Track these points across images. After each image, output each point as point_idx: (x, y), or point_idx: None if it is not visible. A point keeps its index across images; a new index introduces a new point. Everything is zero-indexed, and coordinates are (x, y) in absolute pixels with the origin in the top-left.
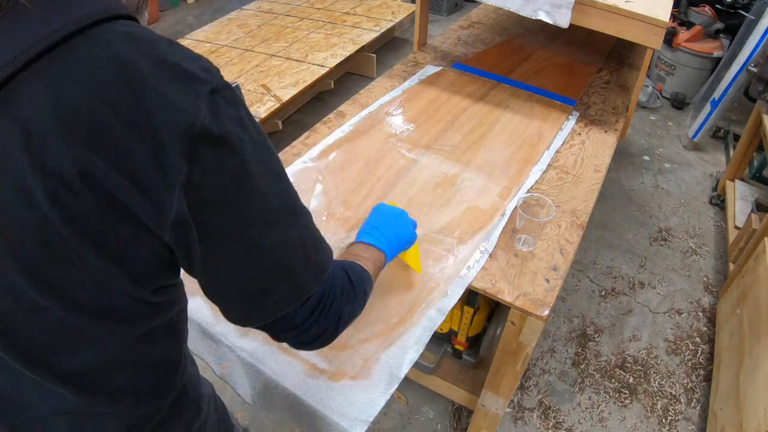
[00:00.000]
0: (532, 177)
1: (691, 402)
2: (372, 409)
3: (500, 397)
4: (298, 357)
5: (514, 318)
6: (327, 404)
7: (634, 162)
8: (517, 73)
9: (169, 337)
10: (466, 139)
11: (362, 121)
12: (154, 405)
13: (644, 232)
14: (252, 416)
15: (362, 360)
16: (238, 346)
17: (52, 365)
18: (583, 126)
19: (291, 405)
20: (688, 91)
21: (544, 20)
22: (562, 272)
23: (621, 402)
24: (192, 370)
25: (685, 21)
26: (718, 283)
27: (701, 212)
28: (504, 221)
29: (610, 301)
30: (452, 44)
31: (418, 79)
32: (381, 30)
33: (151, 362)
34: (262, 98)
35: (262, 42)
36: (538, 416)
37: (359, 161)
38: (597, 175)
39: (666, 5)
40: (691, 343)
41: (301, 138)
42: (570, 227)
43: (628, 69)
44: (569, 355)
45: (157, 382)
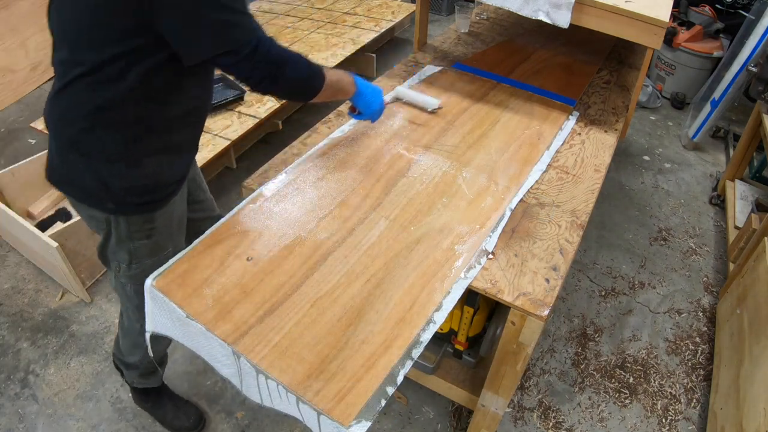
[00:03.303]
0: (532, 177)
1: (691, 402)
2: (372, 410)
3: (500, 397)
4: (300, 358)
5: (514, 318)
6: (327, 404)
7: (634, 162)
8: (517, 73)
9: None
10: (466, 139)
11: (362, 120)
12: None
13: (644, 232)
14: (252, 416)
15: (362, 360)
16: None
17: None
18: (583, 126)
19: (292, 405)
20: (688, 91)
21: (544, 20)
22: (562, 272)
23: (621, 402)
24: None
25: (685, 21)
26: (718, 283)
27: (701, 212)
28: (504, 221)
29: (610, 301)
30: (452, 44)
31: (418, 79)
32: (381, 30)
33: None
34: (262, 98)
35: None
36: (538, 416)
37: (359, 161)
38: (597, 175)
39: (666, 5)
40: (691, 343)
41: (301, 138)
42: (570, 227)
43: (628, 69)
44: (569, 355)
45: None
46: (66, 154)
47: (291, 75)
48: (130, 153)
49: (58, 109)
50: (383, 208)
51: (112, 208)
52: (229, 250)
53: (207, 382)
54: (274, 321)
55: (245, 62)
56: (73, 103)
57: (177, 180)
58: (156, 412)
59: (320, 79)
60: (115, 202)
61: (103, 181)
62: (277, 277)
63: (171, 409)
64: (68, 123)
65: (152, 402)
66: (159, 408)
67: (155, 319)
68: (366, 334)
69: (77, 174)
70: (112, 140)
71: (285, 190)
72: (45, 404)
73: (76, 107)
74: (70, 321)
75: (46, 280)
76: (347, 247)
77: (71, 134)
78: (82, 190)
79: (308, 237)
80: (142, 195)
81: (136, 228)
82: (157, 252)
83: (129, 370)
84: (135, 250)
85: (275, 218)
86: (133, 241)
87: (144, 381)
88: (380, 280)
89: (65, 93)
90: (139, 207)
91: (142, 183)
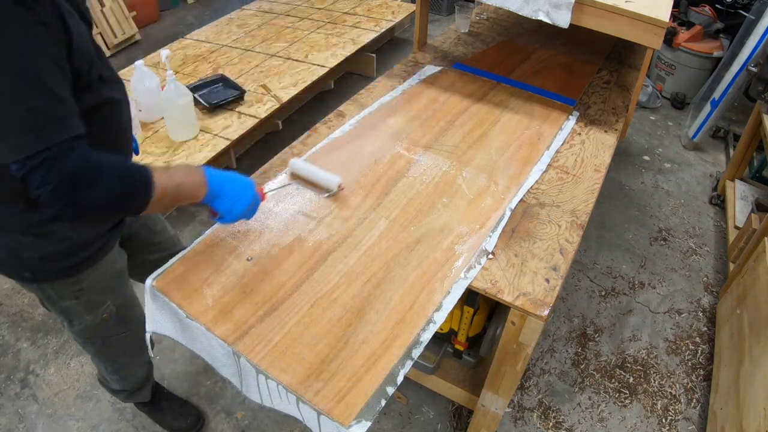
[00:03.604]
0: (532, 177)
1: (691, 402)
2: (372, 410)
3: (500, 397)
4: (300, 358)
5: (514, 318)
6: (327, 404)
7: (634, 162)
8: (517, 73)
9: None
10: (466, 139)
11: (362, 121)
12: None
13: (644, 232)
14: (252, 416)
15: (362, 360)
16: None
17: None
18: (583, 126)
19: (292, 405)
20: (688, 91)
21: (544, 20)
22: (562, 272)
23: (621, 402)
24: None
25: (685, 21)
26: (718, 283)
27: (701, 212)
28: (504, 221)
29: (610, 301)
30: (452, 44)
31: (418, 79)
32: (381, 30)
33: None
34: (262, 98)
35: (262, 42)
36: (538, 416)
37: (359, 161)
38: (597, 175)
39: (666, 5)
40: (691, 343)
41: (301, 138)
42: (570, 227)
43: (628, 69)
44: (569, 355)
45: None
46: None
47: (96, 194)
48: (33, 223)
49: None
50: (383, 208)
51: (29, 277)
52: (229, 250)
53: (207, 382)
54: (274, 321)
55: (33, 176)
56: None
57: (104, 234)
58: (154, 415)
59: (145, 192)
60: (31, 272)
61: (13, 253)
62: (277, 277)
63: (168, 412)
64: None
65: (149, 407)
66: (156, 411)
67: (155, 319)
68: (366, 334)
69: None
70: (6, 215)
71: (285, 190)
72: (45, 404)
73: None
74: None
75: None
76: (347, 247)
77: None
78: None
79: (308, 237)
80: (61, 260)
81: (62, 292)
82: (93, 309)
83: (115, 393)
84: (68, 309)
85: (275, 218)
86: (64, 301)
87: (132, 399)
88: (380, 280)
89: None
90: (58, 273)
91: (57, 249)
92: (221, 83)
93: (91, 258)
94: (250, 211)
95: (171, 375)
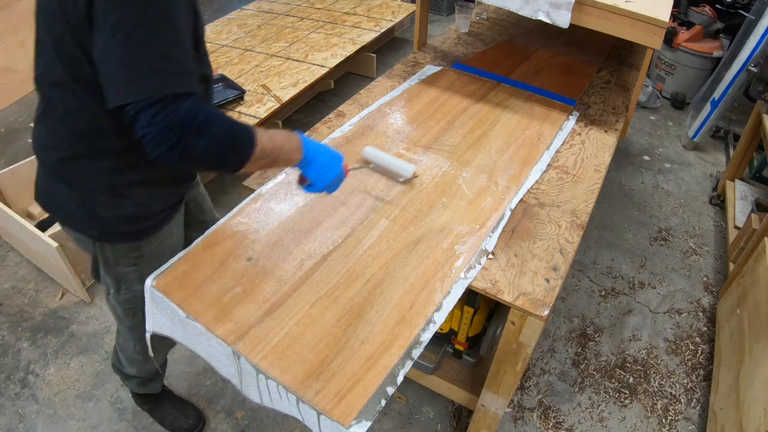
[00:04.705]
0: (532, 177)
1: (691, 402)
2: (372, 410)
3: (500, 397)
4: (300, 358)
5: (514, 318)
6: (327, 404)
7: (634, 162)
8: (517, 73)
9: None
10: (466, 139)
11: (362, 121)
12: None
13: (644, 232)
14: (252, 416)
15: (362, 360)
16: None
17: None
18: (583, 126)
19: (291, 405)
20: (688, 91)
21: (544, 20)
22: (562, 272)
23: (621, 402)
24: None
25: (685, 21)
26: (718, 283)
27: (701, 212)
28: (504, 221)
29: (610, 301)
30: (452, 44)
31: (418, 79)
32: (381, 30)
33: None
34: (262, 98)
35: (262, 42)
36: (538, 416)
37: (359, 161)
38: (597, 175)
39: (666, 5)
40: (691, 343)
41: None
42: (570, 227)
43: (628, 69)
44: (569, 355)
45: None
46: (50, 178)
47: (201, 143)
48: (115, 183)
49: (39, 135)
50: (383, 208)
51: (95, 235)
52: (229, 250)
53: (207, 382)
54: (274, 321)
55: (142, 115)
56: (53, 130)
57: (168, 208)
58: (155, 414)
59: (247, 150)
60: (99, 230)
61: (89, 209)
62: (277, 277)
63: (170, 411)
64: (48, 151)
65: (151, 404)
66: (158, 410)
67: (155, 319)
68: (366, 334)
69: (62, 198)
70: (95, 170)
71: (285, 191)
72: (45, 404)
73: (55, 135)
74: (70, 321)
75: (46, 280)
76: (347, 247)
77: (52, 162)
78: (66, 214)
79: (308, 237)
80: (129, 224)
81: (122, 255)
82: (146, 279)
83: (128, 380)
84: (122, 276)
85: (275, 218)
86: (120, 266)
87: (144, 389)
88: (380, 280)
89: (45, 118)
90: (124, 236)
91: (129, 212)
92: (221, 83)
93: (155, 226)
94: (336, 183)
95: (171, 375)
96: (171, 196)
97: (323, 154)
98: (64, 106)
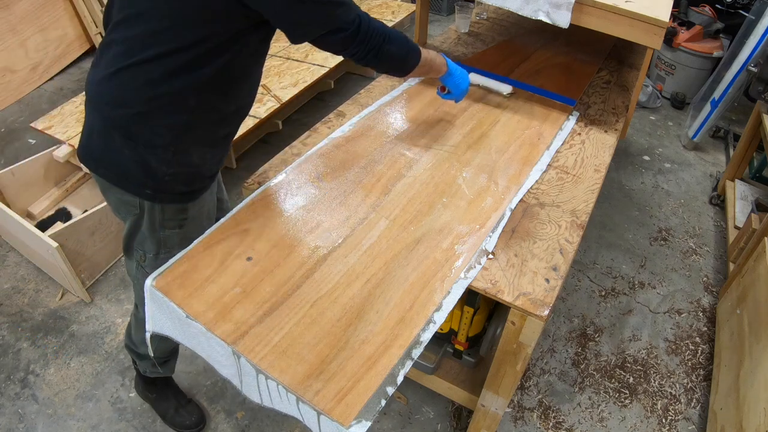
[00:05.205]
0: (532, 177)
1: (691, 402)
2: (372, 410)
3: (500, 397)
4: (299, 358)
5: (514, 318)
6: (327, 404)
7: (634, 162)
8: (517, 73)
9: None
10: (466, 139)
11: (362, 121)
12: None
13: (644, 232)
14: (252, 416)
15: (362, 360)
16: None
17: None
18: (583, 126)
19: (292, 405)
20: (688, 91)
21: (544, 20)
22: (562, 272)
23: (621, 402)
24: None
25: (685, 21)
26: (718, 283)
27: (701, 212)
28: (504, 221)
29: (610, 301)
30: (452, 44)
31: (418, 78)
32: None
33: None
34: (262, 98)
35: None
36: (538, 416)
37: (359, 161)
38: (597, 175)
39: (666, 5)
40: (691, 343)
41: (301, 138)
42: (570, 227)
43: (628, 69)
44: (569, 355)
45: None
46: (110, 135)
47: (392, 50)
48: (180, 141)
49: (113, 90)
50: (383, 208)
51: (149, 194)
52: (229, 250)
53: (207, 382)
54: (274, 321)
55: (351, 39)
56: (134, 85)
57: (213, 173)
58: (159, 404)
59: (417, 56)
60: (154, 188)
61: (147, 166)
62: (277, 277)
63: (174, 405)
64: (121, 105)
65: (157, 393)
66: (163, 400)
67: (155, 319)
68: (366, 334)
69: (119, 156)
70: (165, 127)
71: (285, 191)
72: (45, 404)
73: (135, 90)
74: (70, 321)
75: (46, 280)
76: (347, 247)
77: (123, 117)
78: (120, 173)
79: (308, 237)
80: (183, 184)
81: (170, 216)
82: (186, 243)
83: (141, 360)
84: (165, 239)
85: (275, 218)
86: (165, 230)
87: (157, 371)
88: (380, 280)
89: (126, 73)
90: (176, 196)
91: (185, 171)
92: None
93: (201, 189)
94: (466, 90)
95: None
96: (220, 160)
97: (459, 69)
98: (165, 60)
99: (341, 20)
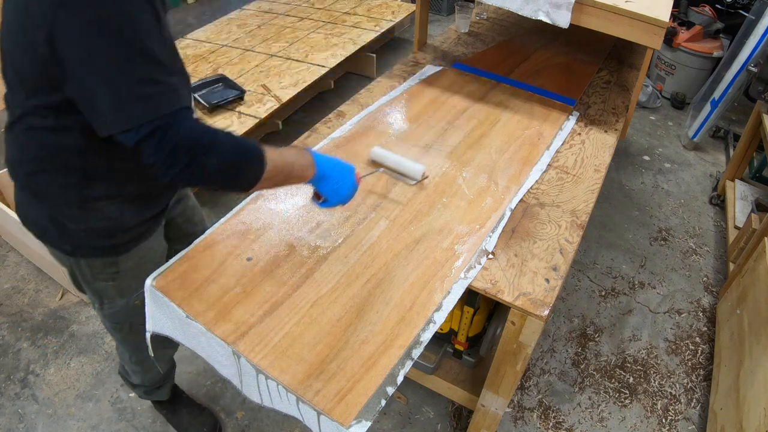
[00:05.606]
0: (532, 177)
1: (691, 402)
2: (372, 410)
3: (500, 397)
4: (299, 358)
5: (514, 318)
6: (327, 404)
7: (634, 162)
8: (517, 73)
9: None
10: (466, 139)
11: (362, 121)
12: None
13: (644, 232)
14: (252, 416)
15: (362, 360)
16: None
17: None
18: (583, 126)
19: (292, 405)
20: (688, 91)
21: (544, 20)
22: (562, 272)
23: (621, 402)
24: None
25: (685, 21)
26: (718, 283)
27: (701, 212)
28: (504, 221)
29: (610, 301)
30: (452, 44)
31: (418, 79)
32: (381, 30)
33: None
34: (262, 98)
35: (262, 42)
36: (538, 416)
37: (359, 161)
38: (597, 175)
39: (666, 5)
40: (691, 343)
41: (301, 138)
42: (570, 227)
43: (628, 69)
44: (569, 355)
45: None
46: (23, 192)
47: (212, 162)
48: (81, 197)
49: (9, 148)
50: (383, 208)
51: (68, 250)
52: (229, 250)
53: (207, 382)
54: (274, 321)
55: (146, 144)
56: (17, 145)
57: (144, 222)
58: (171, 419)
59: (257, 167)
60: (71, 244)
61: (58, 222)
62: (277, 277)
63: (186, 418)
64: (14, 165)
65: (167, 410)
66: (174, 416)
67: (155, 319)
68: (366, 334)
69: (35, 213)
70: (58, 185)
71: (285, 191)
72: (45, 404)
73: (19, 150)
74: (70, 321)
75: (46, 280)
76: (347, 247)
77: (22, 175)
78: (38, 229)
79: (308, 237)
80: (101, 239)
81: (99, 270)
82: (127, 294)
83: (135, 388)
84: (102, 291)
85: (275, 218)
86: (98, 281)
87: (150, 396)
88: (380, 280)
89: (10, 133)
90: (97, 250)
91: (101, 226)
92: (221, 83)
93: (131, 242)
94: (350, 195)
95: None
96: (146, 211)
97: (336, 168)
98: (26, 123)
99: (134, 118)
